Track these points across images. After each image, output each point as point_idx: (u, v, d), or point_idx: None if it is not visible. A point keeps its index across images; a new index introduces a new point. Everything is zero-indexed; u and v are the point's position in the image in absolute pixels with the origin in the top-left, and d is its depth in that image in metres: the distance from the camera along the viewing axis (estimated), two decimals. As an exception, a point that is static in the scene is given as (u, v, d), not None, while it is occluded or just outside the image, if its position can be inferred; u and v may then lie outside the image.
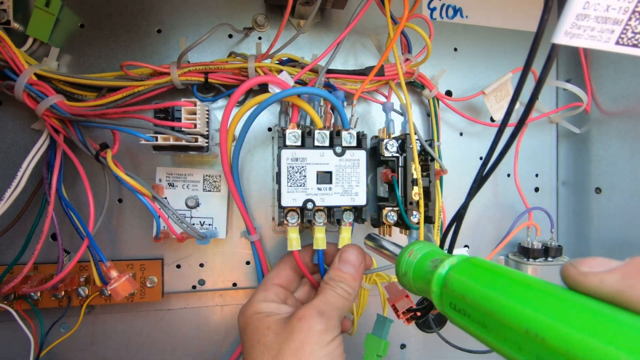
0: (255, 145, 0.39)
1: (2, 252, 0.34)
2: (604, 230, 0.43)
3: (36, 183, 0.33)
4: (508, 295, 0.15)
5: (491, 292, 0.15)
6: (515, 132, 0.18)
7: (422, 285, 0.20)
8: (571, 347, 0.12)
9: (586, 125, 0.45)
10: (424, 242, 0.23)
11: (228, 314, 0.39)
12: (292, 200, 0.29)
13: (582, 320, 0.12)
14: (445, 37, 0.43)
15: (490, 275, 0.17)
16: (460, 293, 0.17)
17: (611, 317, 0.12)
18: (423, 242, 0.23)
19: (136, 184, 0.30)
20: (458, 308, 0.17)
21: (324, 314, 0.26)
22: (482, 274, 0.17)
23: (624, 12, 0.15)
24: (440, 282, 0.19)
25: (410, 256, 0.22)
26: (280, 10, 0.39)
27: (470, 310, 0.16)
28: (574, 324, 0.12)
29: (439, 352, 0.44)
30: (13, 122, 0.34)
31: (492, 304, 0.15)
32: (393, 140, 0.33)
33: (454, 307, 0.17)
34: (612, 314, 0.12)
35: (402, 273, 0.23)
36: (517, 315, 0.14)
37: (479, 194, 0.24)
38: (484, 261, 0.18)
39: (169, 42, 0.37)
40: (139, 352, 0.37)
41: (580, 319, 0.12)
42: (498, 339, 0.15)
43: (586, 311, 0.12)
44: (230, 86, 0.36)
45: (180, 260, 0.37)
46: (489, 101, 0.42)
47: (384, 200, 0.34)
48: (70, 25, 0.35)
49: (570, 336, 0.12)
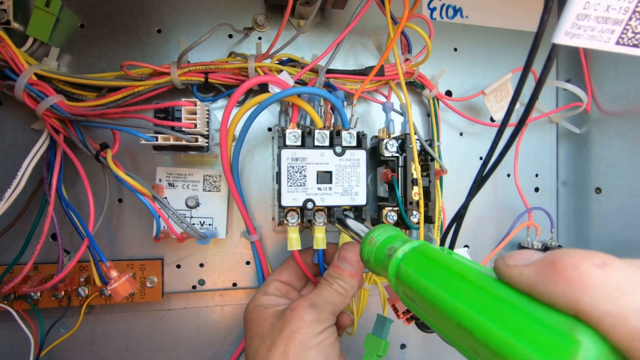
0: (255, 145, 0.39)
1: (2, 252, 0.34)
2: (604, 230, 0.43)
3: (36, 183, 0.33)
4: (444, 288, 0.15)
5: (430, 284, 0.16)
6: (515, 132, 0.18)
7: (383, 273, 0.20)
8: (490, 340, 0.12)
9: (586, 125, 0.45)
10: (385, 227, 0.23)
11: (228, 314, 0.39)
12: (292, 200, 0.29)
13: (500, 313, 0.12)
14: (445, 37, 0.43)
15: (433, 266, 0.17)
16: (408, 284, 0.17)
17: (522, 311, 0.12)
18: (384, 227, 0.23)
19: (136, 184, 0.30)
20: (409, 297, 0.17)
21: (316, 306, 0.27)
22: (426, 265, 0.17)
23: (624, 12, 0.15)
24: (394, 272, 0.19)
25: (371, 244, 0.22)
26: (280, 10, 0.39)
27: (418, 300, 0.17)
28: (493, 317, 0.12)
29: (439, 352, 0.44)
30: (13, 122, 0.34)
31: (431, 296, 0.15)
32: (393, 140, 0.33)
33: (406, 295, 0.18)
34: (524, 308, 0.12)
35: (365, 260, 0.23)
36: (450, 308, 0.14)
37: (479, 194, 0.24)
38: (431, 250, 0.18)
39: (169, 42, 0.37)
40: (139, 352, 0.37)
41: (499, 313, 0.12)
42: (440, 329, 0.15)
43: (505, 305, 0.13)
44: (231, 86, 0.36)
45: (180, 260, 0.37)
46: (489, 101, 0.42)
47: (384, 200, 0.34)
48: (70, 25, 0.35)
49: (489, 330, 0.12)
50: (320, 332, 0.26)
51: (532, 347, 0.11)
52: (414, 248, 0.19)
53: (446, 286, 0.15)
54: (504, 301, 0.13)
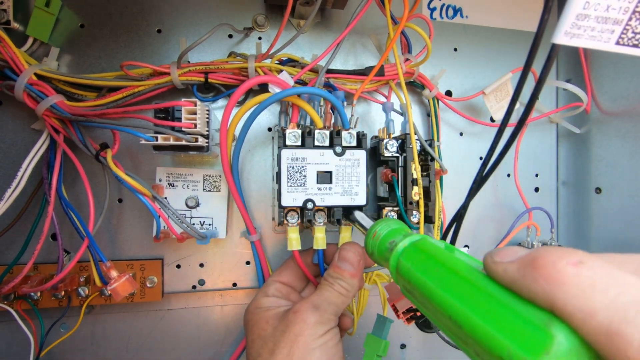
0: (255, 145, 0.39)
1: (2, 252, 0.34)
2: (603, 230, 0.43)
3: (36, 183, 0.33)
4: (437, 282, 0.16)
5: (426, 279, 0.17)
6: (515, 132, 0.18)
7: (386, 265, 0.21)
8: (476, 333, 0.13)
9: (586, 125, 0.45)
10: (388, 220, 0.24)
11: (228, 314, 0.39)
12: (292, 200, 0.29)
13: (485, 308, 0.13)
14: (445, 37, 0.43)
15: (429, 261, 0.17)
16: (407, 278, 0.18)
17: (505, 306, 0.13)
18: (387, 220, 0.24)
19: (136, 184, 0.30)
20: (408, 290, 0.18)
21: (319, 307, 0.27)
22: (423, 260, 0.18)
23: (624, 12, 0.15)
24: (394, 266, 0.20)
25: (374, 237, 0.23)
26: (280, 10, 0.39)
27: (416, 293, 0.17)
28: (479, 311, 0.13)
29: (439, 352, 0.44)
30: (13, 122, 0.34)
31: (426, 290, 0.16)
32: (393, 140, 0.33)
33: (405, 288, 0.19)
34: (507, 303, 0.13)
35: (369, 252, 0.23)
36: (443, 302, 0.15)
37: (479, 194, 0.24)
38: (428, 245, 0.19)
39: (169, 42, 0.37)
40: (139, 352, 0.37)
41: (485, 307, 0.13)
42: (436, 321, 0.16)
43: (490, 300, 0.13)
44: (231, 86, 0.36)
45: (180, 260, 0.37)
46: (489, 101, 0.42)
47: (384, 200, 0.34)
48: (70, 25, 0.35)
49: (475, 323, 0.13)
50: (323, 334, 0.26)
51: (511, 340, 0.12)
52: (413, 243, 0.19)
53: (440, 281, 0.16)
54: (489, 296, 0.13)
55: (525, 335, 0.11)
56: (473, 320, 0.13)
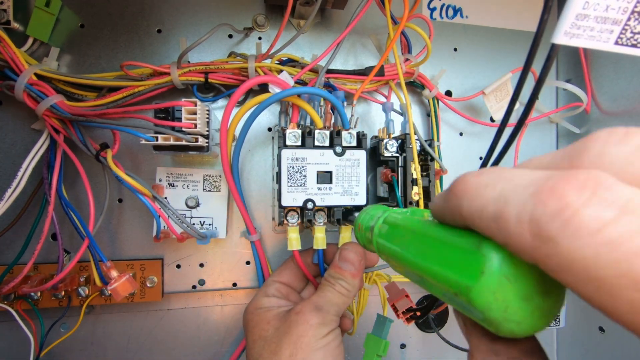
0: (255, 145, 0.39)
1: (2, 252, 0.34)
2: (603, 230, 0.43)
3: (36, 183, 0.33)
4: (401, 246, 0.17)
5: (395, 247, 0.18)
6: (515, 132, 0.18)
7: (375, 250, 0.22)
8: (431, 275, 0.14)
9: (586, 125, 0.45)
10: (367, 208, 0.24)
11: (228, 314, 0.39)
12: (293, 200, 0.29)
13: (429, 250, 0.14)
14: (445, 37, 0.43)
15: (394, 230, 0.19)
16: (384, 252, 0.20)
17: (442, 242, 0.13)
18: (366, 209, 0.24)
19: (136, 184, 0.30)
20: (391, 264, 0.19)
21: (321, 308, 0.27)
22: (390, 231, 0.19)
23: (623, 12, 0.15)
24: (377, 248, 0.21)
25: (360, 230, 0.23)
26: (280, 11, 0.39)
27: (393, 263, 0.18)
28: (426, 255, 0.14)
29: (439, 352, 0.44)
30: (13, 122, 0.34)
31: (395, 255, 0.18)
32: (393, 140, 0.33)
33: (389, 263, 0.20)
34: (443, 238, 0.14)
35: (363, 245, 0.24)
36: (408, 262, 0.16)
37: (478, 193, 0.24)
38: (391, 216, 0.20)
39: (169, 42, 0.37)
40: (139, 352, 0.37)
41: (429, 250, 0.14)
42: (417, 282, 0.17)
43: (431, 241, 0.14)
44: (231, 86, 0.36)
45: (180, 260, 0.37)
46: (489, 101, 0.42)
47: (384, 200, 0.34)
48: (70, 25, 0.35)
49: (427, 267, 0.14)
50: (326, 335, 0.26)
51: (456, 273, 0.12)
52: (382, 221, 0.21)
53: (402, 244, 0.17)
54: (433, 240, 0.14)
55: (463, 263, 0.12)
56: (429, 268, 0.14)
